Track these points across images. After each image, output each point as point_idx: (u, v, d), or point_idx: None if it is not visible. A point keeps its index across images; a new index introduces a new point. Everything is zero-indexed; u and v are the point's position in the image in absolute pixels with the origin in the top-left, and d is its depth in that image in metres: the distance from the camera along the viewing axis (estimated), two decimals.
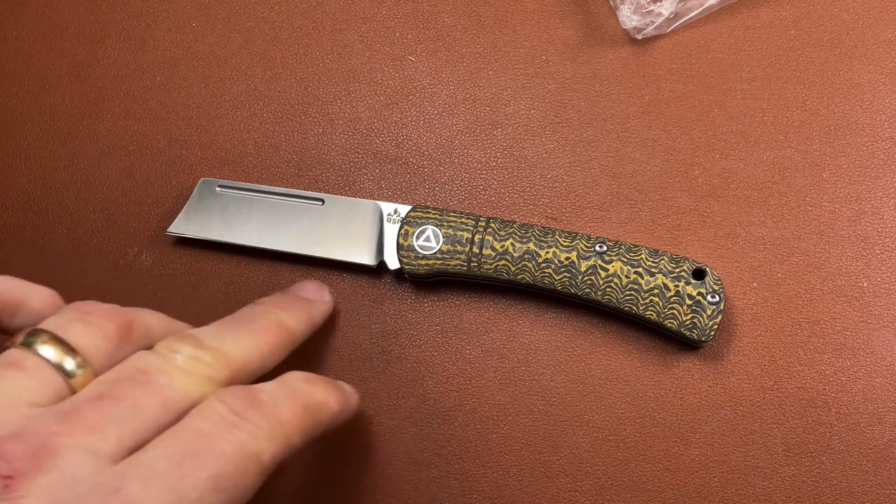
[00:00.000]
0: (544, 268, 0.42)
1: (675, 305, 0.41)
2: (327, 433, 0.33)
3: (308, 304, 0.40)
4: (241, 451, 0.26)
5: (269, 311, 0.36)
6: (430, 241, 0.44)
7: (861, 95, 0.46)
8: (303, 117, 0.49)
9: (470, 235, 0.43)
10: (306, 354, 0.45)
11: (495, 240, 0.43)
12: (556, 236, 0.43)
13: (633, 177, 0.46)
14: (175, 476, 0.25)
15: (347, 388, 0.36)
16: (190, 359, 0.29)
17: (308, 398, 0.31)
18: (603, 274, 0.42)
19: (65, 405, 0.26)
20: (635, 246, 0.42)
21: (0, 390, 0.26)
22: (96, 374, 0.28)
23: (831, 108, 0.46)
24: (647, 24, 0.47)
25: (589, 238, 0.43)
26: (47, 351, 0.27)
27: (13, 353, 0.27)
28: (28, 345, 0.27)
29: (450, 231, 0.43)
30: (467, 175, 0.47)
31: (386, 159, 0.48)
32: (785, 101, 0.46)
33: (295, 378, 0.32)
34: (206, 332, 0.32)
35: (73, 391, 0.27)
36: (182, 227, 0.46)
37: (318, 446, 0.44)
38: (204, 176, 0.48)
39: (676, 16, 0.47)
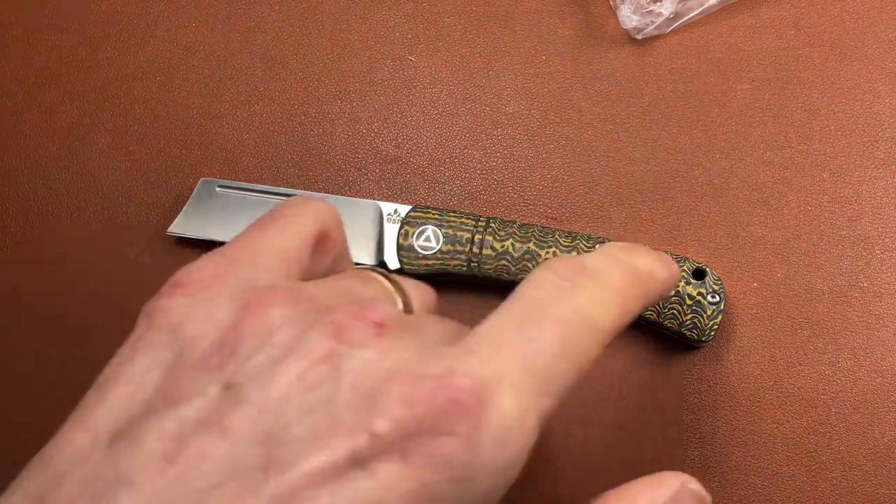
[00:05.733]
0: None
1: (675, 305, 0.41)
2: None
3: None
4: (581, 317, 0.25)
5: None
6: (430, 241, 0.44)
7: (861, 95, 0.46)
8: (303, 117, 0.49)
9: (470, 235, 0.43)
10: None
11: (495, 240, 0.43)
12: (556, 236, 0.43)
13: (633, 177, 0.46)
14: (520, 341, 0.23)
15: (667, 256, 0.31)
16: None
17: (633, 266, 0.29)
18: None
19: None
20: None
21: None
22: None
23: (831, 108, 0.46)
24: (647, 24, 0.47)
25: (589, 238, 0.43)
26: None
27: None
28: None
29: (450, 231, 0.43)
30: (467, 175, 0.47)
31: (386, 159, 0.48)
32: (785, 101, 0.46)
33: (615, 248, 0.28)
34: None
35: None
36: (182, 227, 0.46)
37: None
38: (204, 176, 0.48)
39: (676, 16, 0.47)
